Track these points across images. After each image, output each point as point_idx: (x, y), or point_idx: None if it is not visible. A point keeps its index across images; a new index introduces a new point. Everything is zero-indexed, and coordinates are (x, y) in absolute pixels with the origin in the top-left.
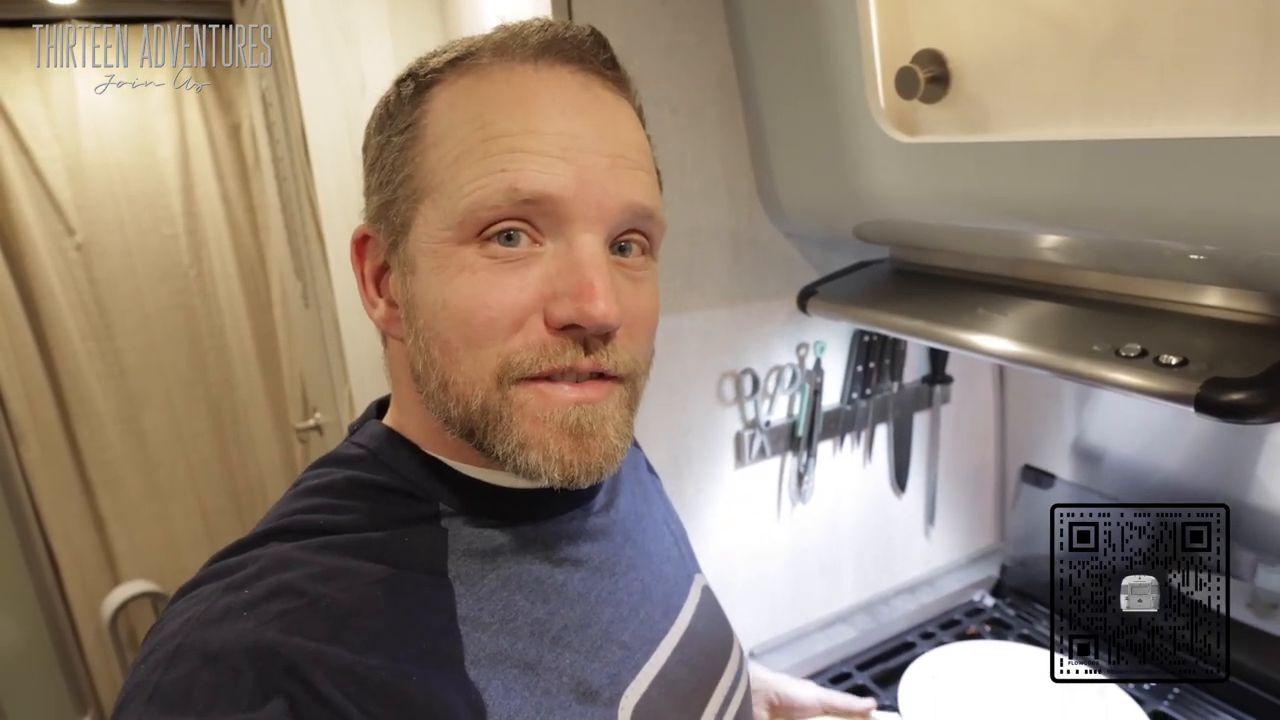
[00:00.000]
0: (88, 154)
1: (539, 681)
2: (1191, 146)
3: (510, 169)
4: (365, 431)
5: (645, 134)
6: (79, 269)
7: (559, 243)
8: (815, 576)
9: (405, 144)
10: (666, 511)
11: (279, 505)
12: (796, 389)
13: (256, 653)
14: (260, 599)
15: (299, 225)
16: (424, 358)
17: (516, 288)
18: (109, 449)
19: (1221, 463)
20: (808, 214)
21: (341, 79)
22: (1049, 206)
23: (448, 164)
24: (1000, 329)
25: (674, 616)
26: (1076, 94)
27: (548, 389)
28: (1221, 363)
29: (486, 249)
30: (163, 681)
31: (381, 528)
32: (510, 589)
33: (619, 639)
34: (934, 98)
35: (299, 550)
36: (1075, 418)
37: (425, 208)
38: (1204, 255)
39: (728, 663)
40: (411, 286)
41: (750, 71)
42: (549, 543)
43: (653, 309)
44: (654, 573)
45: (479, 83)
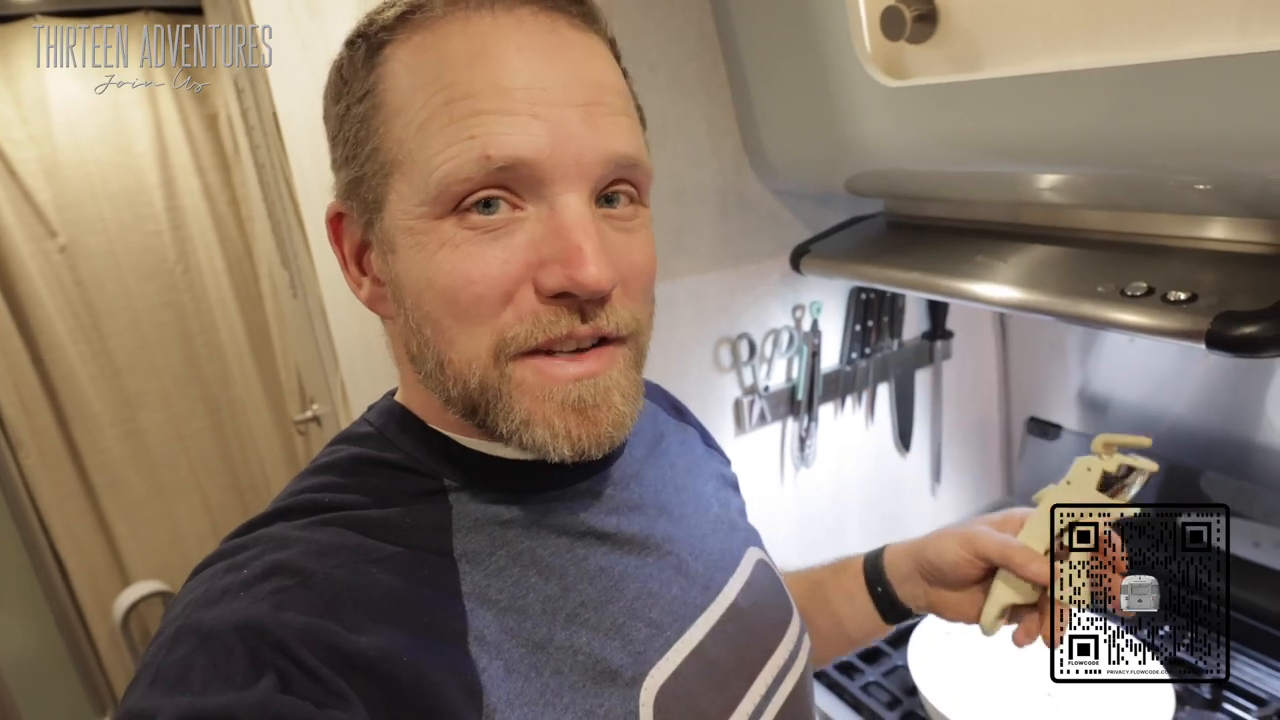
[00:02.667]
0: (63, 153)
1: (548, 661)
2: (1201, 67)
3: (479, 135)
4: (376, 408)
5: (621, 69)
6: (64, 271)
7: (540, 205)
8: (823, 540)
9: (366, 114)
10: (719, 484)
11: (291, 484)
12: (794, 352)
13: (247, 630)
14: (256, 578)
15: (280, 213)
16: (417, 338)
17: (501, 259)
18: (108, 451)
19: (1229, 403)
20: (797, 169)
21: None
22: (1050, 143)
23: (413, 133)
24: (1001, 276)
25: (715, 592)
26: (1074, 21)
27: (546, 365)
28: (1231, 296)
29: (465, 220)
30: (165, 663)
31: (385, 504)
32: (522, 565)
33: (646, 616)
34: (922, 37)
35: (300, 529)
36: (1079, 367)
37: (397, 182)
38: (1212, 184)
39: (780, 642)
40: (394, 265)
41: (729, 22)
42: (567, 517)
43: (648, 260)
44: (694, 547)
45: (433, 38)
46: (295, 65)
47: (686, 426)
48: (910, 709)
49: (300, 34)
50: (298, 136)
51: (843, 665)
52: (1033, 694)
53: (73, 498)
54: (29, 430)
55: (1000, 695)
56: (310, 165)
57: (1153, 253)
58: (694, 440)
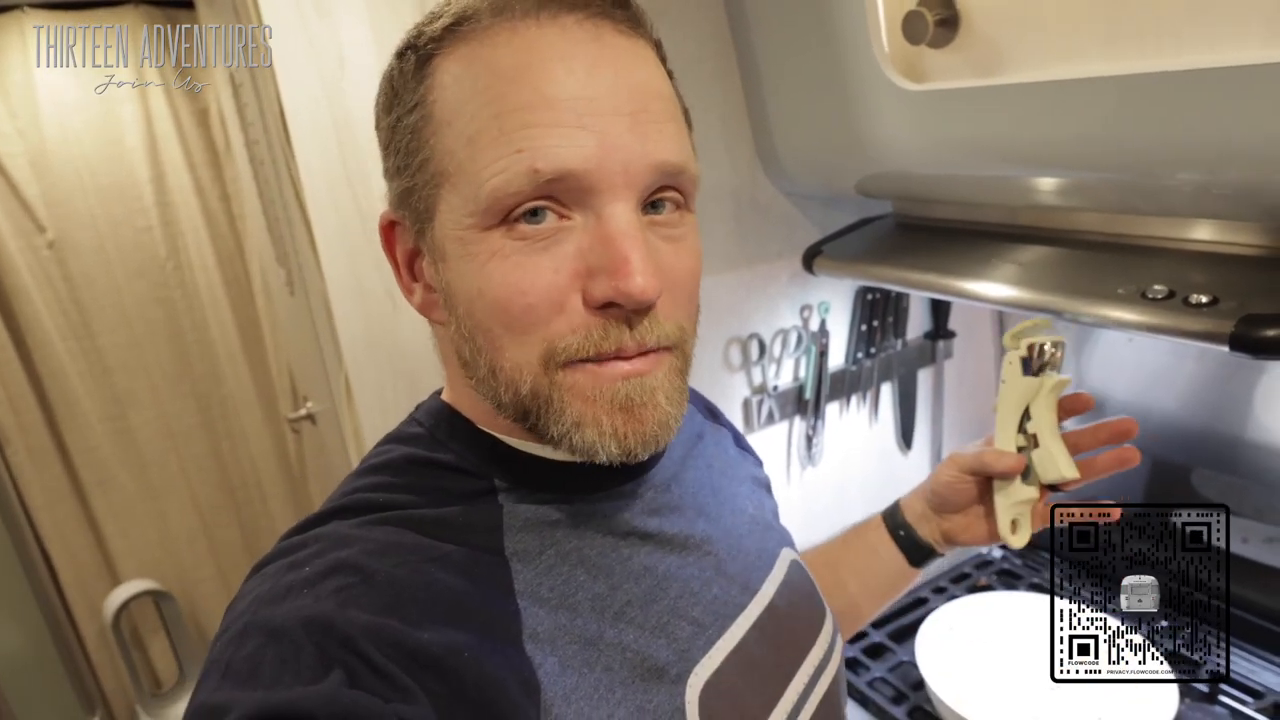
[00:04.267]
0: (52, 147)
1: (599, 658)
2: (1222, 76)
3: (527, 148)
4: (424, 408)
5: (667, 71)
6: (52, 266)
7: (587, 215)
8: (825, 539)
9: (416, 125)
10: (753, 486)
11: (344, 483)
12: (802, 351)
13: (314, 627)
14: (319, 576)
15: (279, 210)
16: (469, 345)
17: (551, 268)
18: (98, 449)
19: (1219, 400)
20: (809, 170)
21: (318, 54)
22: (1068, 149)
23: (463, 145)
24: (1017, 278)
25: (754, 592)
26: (1096, 27)
27: (596, 367)
28: (1251, 299)
29: (514, 231)
30: (235, 658)
31: (438, 504)
32: (570, 564)
33: (689, 615)
34: (943, 42)
35: (357, 528)
36: (1074, 364)
37: (447, 193)
38: (1230, 191)
39: (815, 641)
40: (445, 274)
41: (746, 22)
42: (611, 517)
43: (694, 267)
44: (731, 547)
45: (481, 49)
46: (302, 64)
47: (720, 428)
48: (917, 704)
49: (308, 33)
50: (304, 135)
51: (849, 661)
52: (1039, 688)
53: (62, 496)
54: (17, 428)
55: (1007, 689)
56: (318, 164)
57: (1168, 256)
58: (727, 442)
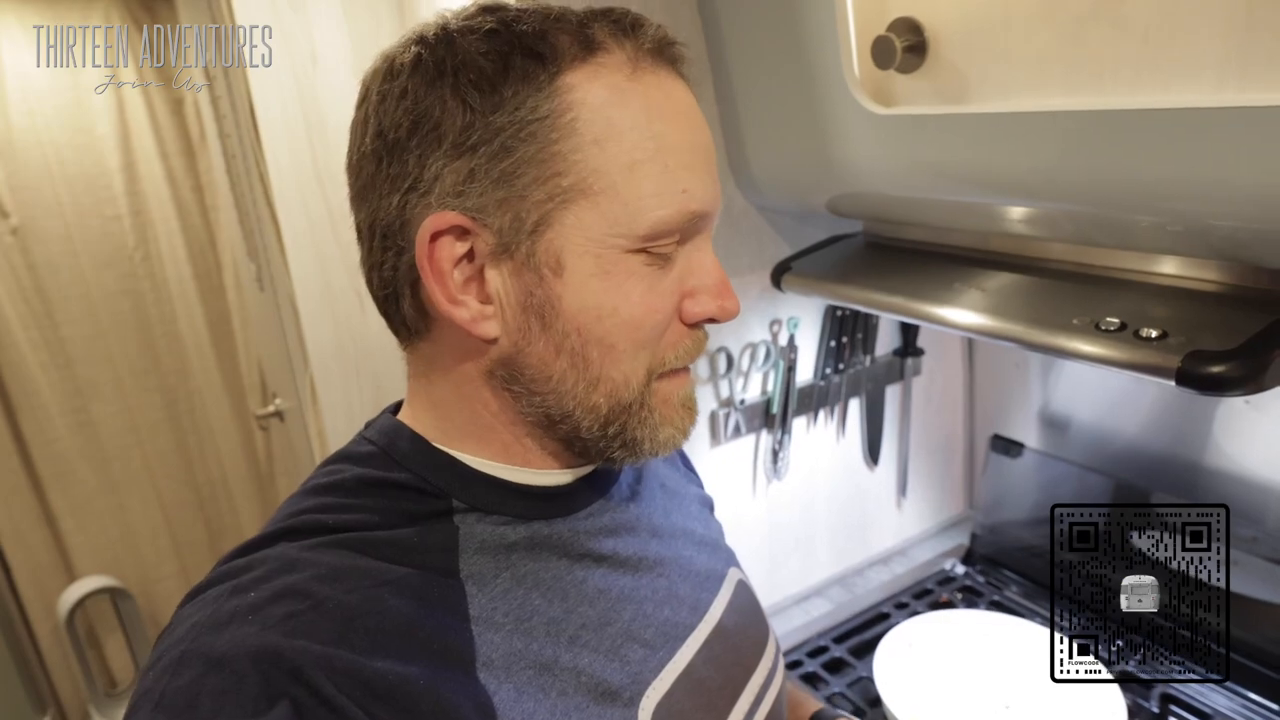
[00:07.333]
0: (19, 132)
1: (555, 682)
2: (1175, 117)
3: (690, 190)
4: (376, 427)
5: None
6: (15, 254)
7: (686, 244)
8: (791, 552)
9: (545, 134)
10: (699, 506)
11: (288, 504)
12: (770, 365)
13: (261, 657)
14: (265, 602)
15: (250, 204)
16: (570, 358)
17: (670, 291)
18: (58, 441)
19: (1179, 425)
20: (780, 187)
21: (291, 49)
22: (1028, 179)
23: (620, 168)
24: (978, 304)
25: (702, 613)
26: (1057, 63)
27: (675, 376)
28: (1200, 335)
29: (651, 256)
30: (169, 688)
31: (392, 526)
32: (526, 587)
33: (641, 637)
34: (911, 67)
35: (306, 550)
36: (1041, 387)
37: (582, 208)
38: (1182, 227)
39: (760, 661)
40: (554, 287)
41: (720, 40)
42: (567, 539)
43: None
44: (682, 568)
45: (628, 83)
46: (275, 57)
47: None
48: None
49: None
50: (274, 132)
51: (807, 676)
52: (992, 705)
53: (17, 490)
54: None
55: (961, 707)
56: (287, 161)
57: (1125, 287)
58: (677, 460)
